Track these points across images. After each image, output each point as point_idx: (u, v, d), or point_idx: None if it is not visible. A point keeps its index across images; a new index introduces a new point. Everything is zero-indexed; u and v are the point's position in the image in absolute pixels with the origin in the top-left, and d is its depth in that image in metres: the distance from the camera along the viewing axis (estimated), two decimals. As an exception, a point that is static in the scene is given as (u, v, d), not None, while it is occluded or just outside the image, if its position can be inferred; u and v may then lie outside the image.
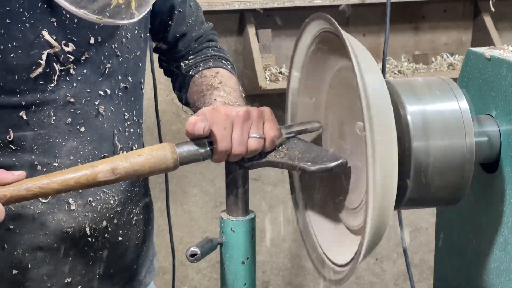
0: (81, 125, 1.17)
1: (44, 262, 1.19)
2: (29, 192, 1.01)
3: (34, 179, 1.02)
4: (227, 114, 1.06)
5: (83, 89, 1.16)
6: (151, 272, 1.41)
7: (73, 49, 1.13)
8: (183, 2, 1.36)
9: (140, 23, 1.24)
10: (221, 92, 1.22)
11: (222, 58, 1.40)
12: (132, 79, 1.24)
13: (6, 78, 1.10)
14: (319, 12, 1.06)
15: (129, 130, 1.25)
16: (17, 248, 1.17)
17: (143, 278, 1.37)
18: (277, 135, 1.08)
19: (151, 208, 1.39)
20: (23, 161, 1.14)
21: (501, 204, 1.05)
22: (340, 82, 1.09)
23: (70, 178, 1.01)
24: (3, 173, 1.02)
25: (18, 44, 1.09)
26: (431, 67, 2.52)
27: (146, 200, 1.36)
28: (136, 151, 1.04)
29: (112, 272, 1.27)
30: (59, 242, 1.19)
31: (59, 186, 1.01)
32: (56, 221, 1.18)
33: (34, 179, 1.02)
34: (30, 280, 1.19)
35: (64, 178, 1.01)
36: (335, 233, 1.13)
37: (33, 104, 1.12)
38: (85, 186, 1.02)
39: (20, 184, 1.01)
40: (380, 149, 0.88)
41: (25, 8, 1.08)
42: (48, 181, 1.01)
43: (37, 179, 1.02)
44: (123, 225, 1.26)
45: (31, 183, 1.01)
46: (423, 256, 2.83)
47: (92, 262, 1.23)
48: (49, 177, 1.02)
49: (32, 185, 1.01)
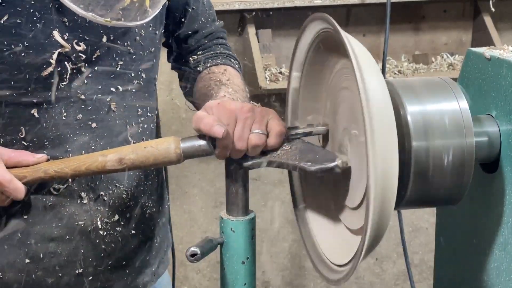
0: (93, 121, 1.18)
1: (56, 253, 1.20)
2: (46, 175, 1.11)
3: (51, 163, 1.12)
4: (232, 110, 1.07)
5: (95, 86, 1.17)
6: (165, 262, 1.42)
7: (85, 48, 1.13)
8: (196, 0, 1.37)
9: (156, 20, 1.24)
10: (230, 89, 1.23)
11: (231, 56, 1.41)
12: (145, 76, 1.24)
13: (18, 77, 1.11)
14: (319, 12, 1.06)
15: (142, 126, 1.25)
16: (30, 238, 1.19)
17: (156, 269, 1.37)
18: (283, 130, 1.09)
19: (166, 199, 1.40)
20: None
21: (501, 204, 1.05)
22: (340, 82, 1.09)
23: (82, 165, 1.11)
24: (25, 155, 1.12)
25: (29, 44, 1.09)
26: (431, 67, 2.52)
27: (160, 192, 1.36)
28: (143, 143, 1.10)
29: (124, 264, 1.28)
30: (71, 234, 1.20)
31: (72, 171, 1.11)
32: (69, 213, 1.19)
33: (51, 163, 1.13)
34: (42, 270, 1.20)
35: (77, 165, 1.11)
36: (335, 233, 1.13)
37: (44, 102, 1.13)
38: (95, 173, 1.11)
39: (39, 167, 1.12)
40: (380, 149, 0.88)
41: (36, 9, 1.09)
42: (63, 166, 1.11)
43: (54, 163, 1.12)
44: (136, 218, 1.27)
45: (49, 167, 1.12)
46: (423, 256, 2.83)
47: (104, 254, 1.24)
48: (64, 162, 1.12)
49: (49, 168, 1.11)
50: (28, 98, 1.12)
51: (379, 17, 2.49)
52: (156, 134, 1.33)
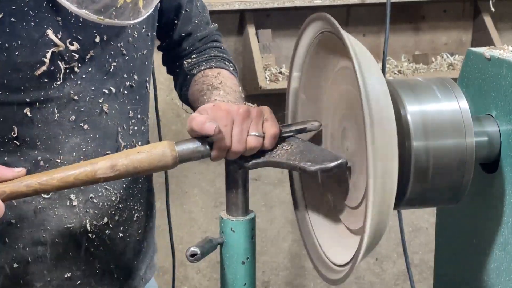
0: (85, 123, 1.17)
1: (45, 257, 1.20)
2: (29, 189, 1.02)
3: (34, 176, 1.03)
4: (228, 111, 1.07)
5: (88, 87, 1.17)
6: (152, 268, 1.42)
7: (78, 47, 1.13)
8: (189, 1, 1.37)
9: (148, 22, 1.24)
10: (221, 92, 1.23)
11: (225, 59, 1.41)
12: (137, 78, 1.24)
13: (11, 76, 1.10)
14: (319, 12, 1.06)
15: (133, 128, 1.25)
16: (18, 242, 1.18)
17: (143, 274, 1.37)
18: (278, 132, 1.09)
19: (153, 205, 1.40)
20: (27, 156, 1.15)
21: (501, 204, 1.05)
22: (340, 82, 1.09)
23: (70, 175, 1.02)
24: (3, 169, 1.04)
25: (23, 42, 1.09)
26: (431, 67, 2.52)
27: (149, 197, 1.36)
28: (136, 148, 1.06)
29: (112, 268, 1.28)
30: (60, 237, 1.20)
31: (58, 182, 1.02)
32: (58, 216, 1.19)
33: (34, 176, 1.03)
34: (30, 274, 1.20)
35: (63, 175, 1.02)
36: (335, 233, 1.13)
37: (37, 101, 1.13)
38: (85, 183, 1.04)
39: (20, 181, 1.02)
40: (380, 149, 0.88)
41: (30, 7, 1.09)
42: (48, 178, 1.02)
43: (37, 176, 1.03)
44: (124, 221, 1.27)
45: (31, 180, 1.02)
46: (423, 256, 2.83)
47: (93, 257, 1.24)
48: (49, 174, 1.03)
49: (32, 182, 1.02)
50: (21, 97, 1.12)
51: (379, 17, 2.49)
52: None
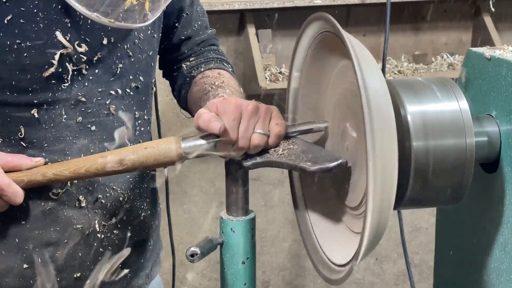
0: (92, 124, 1.18)
1: (54, 257, 1.20)
2: (44, 178, 1.10)
3: (49, 166, 1.11)
4: (237, 105, 1.08)
5: (95, 89, 1.17)
6: (157, 264, 1.43)
7: (86, 49, 1.14)
8: (190, 5, 1.39)
9: (154, 24, 1.25)
10: (227, 90, 1.24)
11: (223, 60, 1.42)
12: (143, 79, 1.25)
13: (19, 77, 1.11)
14: (319, 12, 1.06)
15: (139, 129, 1.26)
16: (28, 243, 1.19)
17: (149, 271, 1.38)
18: (283, 132, 1.10)
19: (158, 202, 1.41)
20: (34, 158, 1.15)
21: (501, 204, 1.05)
22: (340, 82, 1.09)
23: (82, 167, 1.09)
24: (23, 158, 1.11)
25: (32, 44, 1.10)
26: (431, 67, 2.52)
27: (154, 195, 1.37)
28: (144, 144, 1.10)
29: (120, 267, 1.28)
30: (69, 238, 1.20)
31: (71, 174, 1.10)
32: (67, 217, 1.19)
33: (49, 166, 1.11)
34: (39, 275, 1.20)
35: (76, 167, 1.10)
36: (335, 233, 1.13)
37: (45, 102, 1.14)
38: (95, 175, 1.10)
39: (37, 170, 1.10)
40: (380, 149, 0.88)
41: (40, 9, 1.09)
42: (62, 169, 1.10)
43: (52, 167, 1.11)
44: (132, 221, 1.28)
45: (47, 170, 1.10)
46: (423, 256, 2.83)
47: (101, 257, 1.24)
48: (63, 165, 1.11)
49: (47, 171, 1.10)
50: (28, 98, 1.12)
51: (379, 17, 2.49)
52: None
